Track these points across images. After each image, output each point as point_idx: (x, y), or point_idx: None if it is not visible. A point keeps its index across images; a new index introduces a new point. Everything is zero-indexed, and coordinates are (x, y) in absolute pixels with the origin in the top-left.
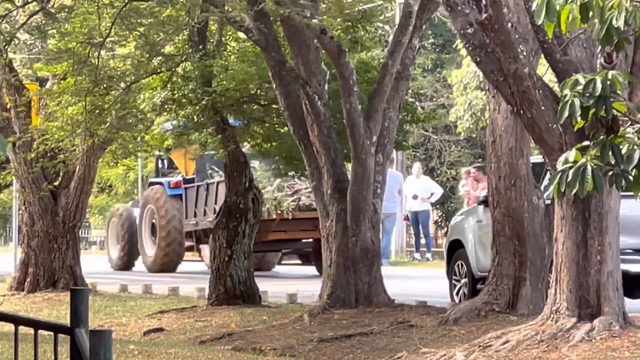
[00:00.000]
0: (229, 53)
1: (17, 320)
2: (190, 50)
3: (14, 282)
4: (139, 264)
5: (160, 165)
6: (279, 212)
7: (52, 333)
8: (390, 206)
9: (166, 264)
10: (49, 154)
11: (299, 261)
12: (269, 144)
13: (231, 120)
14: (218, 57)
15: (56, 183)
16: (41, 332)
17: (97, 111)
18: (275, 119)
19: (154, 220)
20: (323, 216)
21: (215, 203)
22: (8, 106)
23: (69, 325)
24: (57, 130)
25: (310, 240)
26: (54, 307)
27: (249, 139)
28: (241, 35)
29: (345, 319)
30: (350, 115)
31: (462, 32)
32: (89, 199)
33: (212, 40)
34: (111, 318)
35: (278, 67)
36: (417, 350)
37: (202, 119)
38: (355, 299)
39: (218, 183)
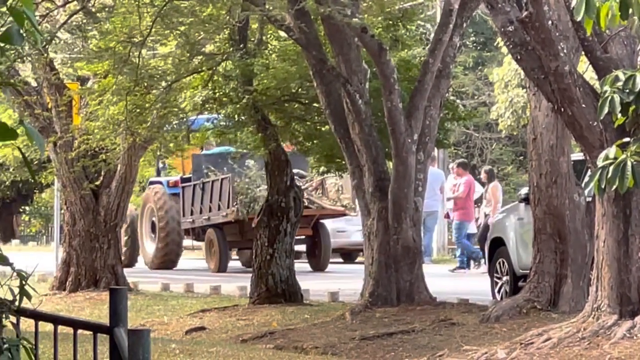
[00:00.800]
0: (270, 52)
1: (56, 320)
2: (231, 49)
3: (56, 282)
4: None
5: (160, 165)
6: None
7: (91, 332)
8: (432, 204)
9: (165, 261)
10: (90, 153)
11: (340, 259)
12: (310, 143)
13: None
14: (259, 55)
15: (97, 182)
16: (81, 331)
17: (138, 110)
18: (316, 117)
19: (153, 219)
20: (364, 214)
21: (211, 201)
22: (49, 106)
23: (108, 325)
24: (98, 130)
25: (303, 237)
26: (95, 306)
27: (290, 138)
28: (282, 33)
29: (387, 317)
30: (392, 114)
31: (502, 29)
32: (131, 198)
33: (253, 39)
34: (153, 317)
35: (319, 66)
36: (459, 348)
37: (243, 118)
38: (397, 297)
39: (213, 182)
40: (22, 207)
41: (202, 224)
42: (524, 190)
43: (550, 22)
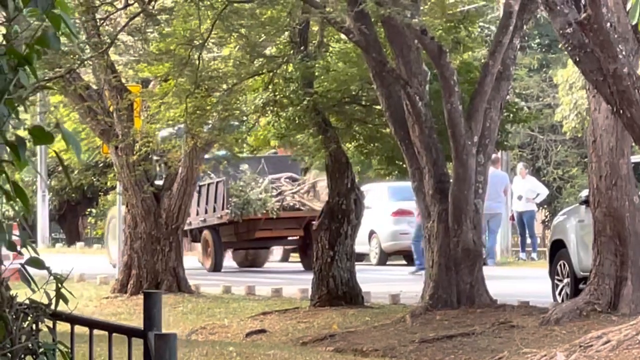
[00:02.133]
0: (330, 54)
1: (91, 324)
2: (292, 52)
3: (117, 284)
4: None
5: (158, 169)
6: (265, 211)
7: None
8: (496, 206)
9: None
10: (150, 157)
11: (403, 262)
12: (371, 145)
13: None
14: (319, 58)
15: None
16: (118, 335)
17: (198, 113)
18: (377, 119)
19: None
20: (424, 217)
21: (207, 204)
22: (110, 109)
23: (142, 329)
24: (155, 131)
25: (296, 237)
26: None
27: (351, 140)
28: (343, 36)
29: (447, 319)
30: (452, 116)
31: (561, 32)
32: (192, 200)
33: (313, 41)
34: (214, 320)
35: (379, 68)
36: (518, 351)
37: (303, 120)
38: (457, 299)
39: (209, 185)
40: (88, 210)
41: (198, 225)
42: (584, 193)
43: (608, 24)
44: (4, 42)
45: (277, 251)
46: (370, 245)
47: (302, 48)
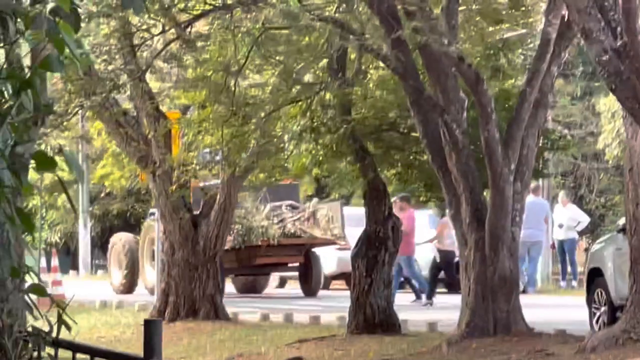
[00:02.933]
0: (368, 81)
1: (93, 351)
2: (329, 78)
3: (155, 311)
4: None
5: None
6: (266, 238)
7: None
8: (537, 234)
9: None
10: (187, 185)
11: (444, 289)
12: (409, 172)
13: None
14: (357, 85)
15: (197, 212)
16: None
17: (235, 140)
18: (414, 147)
19: (153, 248)
20: (461, 245)
21: None
22: (148, 136)
23: (143, 357)
24: (192, 160)
25: (296, 264)
26: (194, 336)
27: (389, 167)
28: (381, 63)
29: (483, 347)
30: (489, 143)
31: (597, 59)
32: (230, 227)
33: (351, 68)
34: (250, 347)
35: (416, 95)
36: None
37: (341, 148)
38: (494, 327)
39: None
40: None
41: None
42: (621, 221)
43: None
44: (5, 66)
45: (273, 277)
46: None
47: (339, 75)
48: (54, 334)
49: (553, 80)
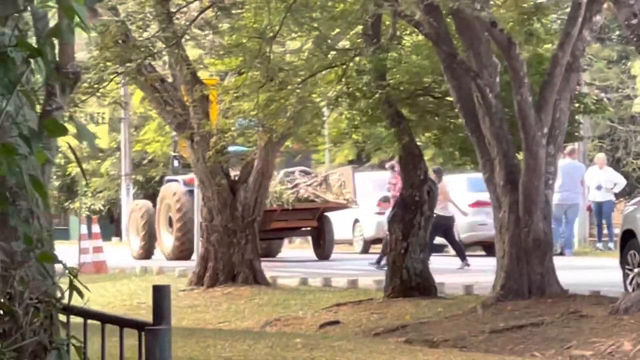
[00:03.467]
0: (403, 46)
1: (103, 318)
2: (364, 44)
3: (194, 277)
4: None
5: (175, 164)
6: (280, 203)
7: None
8: (573, 197)
9: (183, 253)
10: (225, 151)
11: (482, 252)
12: (443, 136)
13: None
14: (392, 50)
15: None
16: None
17: (272, 106)
18: (449, 111)
19: (170, 214)
20: (495, 207)
21: None
22: (187, 102)
23: (152, 323)
24: (230, 126)
25: (309, 228)
26: (232, 301)
27: (424, 131)
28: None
29: (518, 309)
30: (521, 107)
31: (626, 23)
32: (267, 192)
33: (385, 34)
34: (289, 312)
35: (449, 60)
36: (587, 340)
37: (376, 113)
38: (528, 289)
39: None
40: None
41: None
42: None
43: None
44: (16, 34)
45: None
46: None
47: (374, 41)
48: (65, 301)
49: (585, 45)
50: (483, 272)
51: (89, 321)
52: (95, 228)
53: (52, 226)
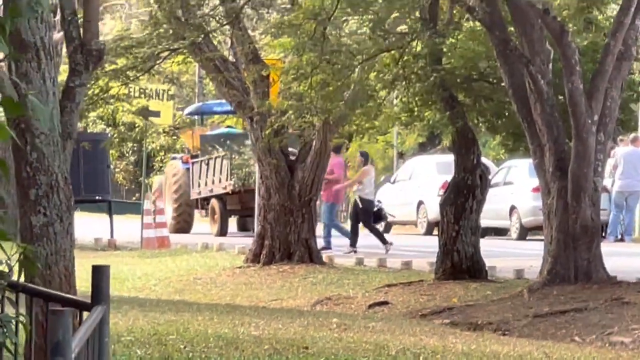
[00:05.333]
0: (459, 32)
1: (48, 296)
2: (421, 29)
3: (250, 255)
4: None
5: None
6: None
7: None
8: (634, 184)
9: (180, 227)
10: (281, 131)
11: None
12: (497, 121)
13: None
14: (448, 35)
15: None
16: None
17: (328, 88)
18: (503, 97)
19: (173, 189)
20: (544, 193)
21: (214, 175)
22: (247, 82)
23: (90, 302)
24: (288, 107)
25: None
26: (287, 279)
27: (477, 116)
28: None
29: (563, 294)
30: (572, 95)
31: None
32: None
33: (442, 19)
34: (341, 291)
35: (502, 46)
36: (628, 327)
37: (431, 97)
38: (575, 275)
39: (215, 158)
40: None
41: (207, 194)
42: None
43: None
44: None
45: None
46: (511, 221)
47: (431, 25)
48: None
49: (637, 34)
50: (538, 257)
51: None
52: (159, 204)
53: (70, 200)
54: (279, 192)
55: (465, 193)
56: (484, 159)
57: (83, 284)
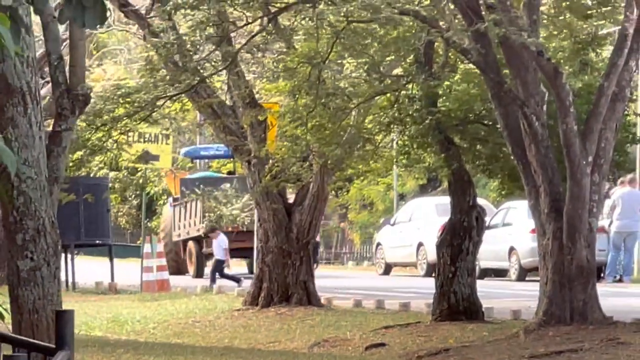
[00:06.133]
0: (454, 74)
1: (11, 340)
2: (416, 71)
3: (249, 297)
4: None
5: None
6: (235, 225)
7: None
8: (632, 224)
9: (172, 268)
10: (279, 175)
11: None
12: (493, 164)
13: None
14: (444, 78)
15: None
16: None
17: (325, 131)
18: (499, 138)
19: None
20: (540, 234)
21: (190, 217)
22: (244, 125)
23: (55, 347)
24: (285, 151)
25: None
26: (285, 321)
27: (473, 159)
28: None
29: (559, 335)
30: (567, 136)
31: None
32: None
33: (438, 61)
34: (338, 333)
35: (497, 88)
36: None
37: (427, 139)
38: (570, 316)
39: (191, 201)
40: None
41: (185, 237)
42: None
43: None
44: None
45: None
46: (510, 262)
47: (426, 68)
48: None
49: (631, 75)
50: (536, 297)
51: None
52: (160, 247)
53: (58, 245)
54: (277, 234)
55: (461, 234)
56: (482, 201)
57: (82, 328)
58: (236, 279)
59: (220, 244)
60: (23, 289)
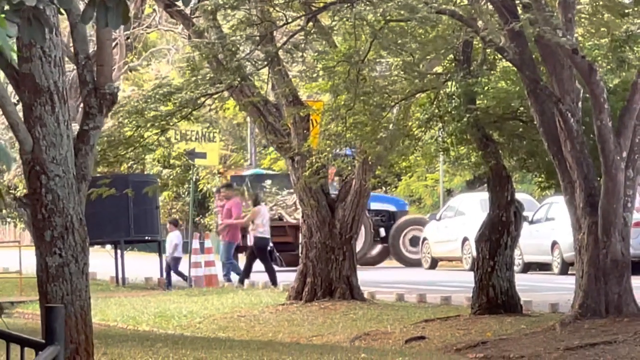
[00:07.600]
0: (493, 71)
1: (4, 336)
2: (455, 69)
3: (292, 292)
4: None
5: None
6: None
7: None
8: None
9: None
10: (320, 172)
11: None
12: (531, 160)
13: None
14: (482, 75)
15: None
16: None
17: (364, 129)
18: (536, 135)
19: None
20: (575, 229)
21: None
22: (287, 123)
23: (44, 342)
24: (325, 147)
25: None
26: (328, 315)
27: (511, 155)
28: None
29: (594, 328)
30: (601, 132)
31: None
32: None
33: (476, 59)
34: (379, 326)
35: (533, 86)
36: None
37: (465, 136)
38: (605, 308)
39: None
40: None
41: None
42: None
43: None
44: None
45: None
46: (553, 256)
47: (465, 66)
48: None
49: None
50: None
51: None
52: (208, 243)
53: (85, 241)
54: (320, 230)
55: (499, 229)
56: (526, 196)
57: (130, 322)
58: (184, 277)
59: (173, 240)
60: (52, 285)
